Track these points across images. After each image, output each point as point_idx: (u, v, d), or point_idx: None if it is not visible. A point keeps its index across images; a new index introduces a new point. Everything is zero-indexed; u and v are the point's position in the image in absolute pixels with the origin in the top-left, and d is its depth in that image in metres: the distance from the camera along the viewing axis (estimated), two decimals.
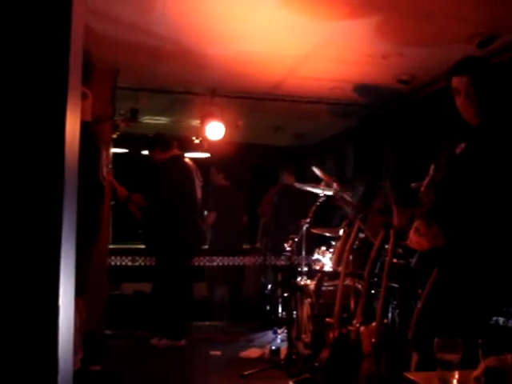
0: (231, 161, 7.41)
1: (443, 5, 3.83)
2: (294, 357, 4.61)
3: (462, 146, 2.83)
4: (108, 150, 4.19)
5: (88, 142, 4.08)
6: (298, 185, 5.52)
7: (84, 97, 3.62)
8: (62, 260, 1.23)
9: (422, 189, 2.93)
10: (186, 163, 5.79)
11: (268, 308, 6.78)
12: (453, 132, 3.10)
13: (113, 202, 5.99)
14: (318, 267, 5.06)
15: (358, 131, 7.67)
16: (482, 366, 1.86)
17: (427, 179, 2.95)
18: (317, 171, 4.78)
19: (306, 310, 4.77)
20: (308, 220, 5.11)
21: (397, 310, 3.76)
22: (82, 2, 1.35)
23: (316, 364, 4.03)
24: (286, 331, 5.24)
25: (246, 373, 4.50)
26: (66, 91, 1.25)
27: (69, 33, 1.26)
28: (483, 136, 2.78)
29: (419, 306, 2.93)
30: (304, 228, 5.18)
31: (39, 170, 1.23)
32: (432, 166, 2.97)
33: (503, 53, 4.56)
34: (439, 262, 2.80)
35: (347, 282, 4.27)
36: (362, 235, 4.30)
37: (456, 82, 2.91)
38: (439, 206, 2.78)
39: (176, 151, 5.77)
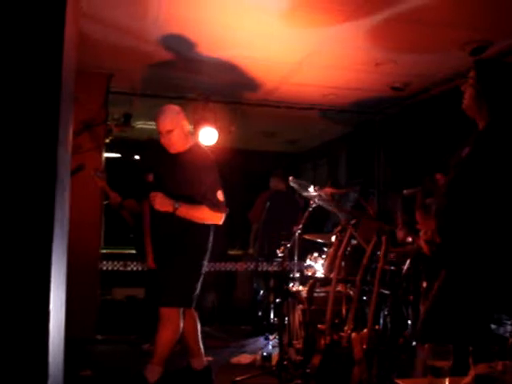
0: (224, 166, 7.38)
1: (437, 13, 3.85)
2: (285, 363, 4.59)
3: (467, 149, 2.76)
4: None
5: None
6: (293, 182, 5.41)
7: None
8: (52, 266, 1.23)
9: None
10: None
11: (260, 314, 6.76)
12: (466, 135, 3.04)
13: (106, 202, 5.96)
14: (310, 273, 5.06)
15: (352, 137, 7.69)
16: (472, 373, 1.87)
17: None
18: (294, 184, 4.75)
19: (297, 316, 4.77)
20: (300, 226, 5.10)
21: (388, 317, 3.77)
22: (76, 7, 1.36)
23: (308, 370, 4.02)
24: (277, 337, 5.22)
25: (237, 379, 4.48)
26: (59, 94, 1.25)
27: (62, 37, 1.26)
28: (486, 139, 2.72)
29: (427, 305, 2.86)
30: (296, 234, 5.18)
31: (31, 178, 1.23)
32: (426, 178, 2.95)
33: None
34: (447, 263, 2.75)
35: (339, 288, 4.27)
36: (354, 241, 4.30)
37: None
38: (447, 209, 2.75)
39: None
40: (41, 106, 1.24)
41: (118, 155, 7.87)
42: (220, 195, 3.97)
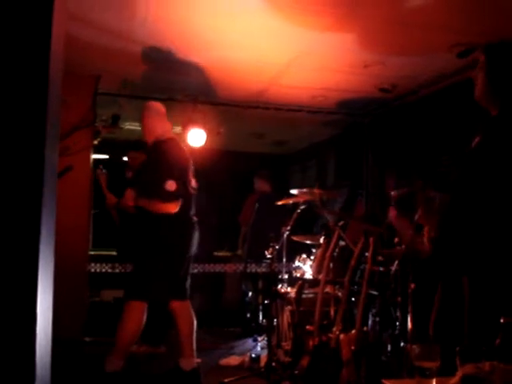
0: (212, 168, 7.38)
1: (425, 15, 3.87)
2: (274, 364, 4.59)
3: (477, 139, 2.60)
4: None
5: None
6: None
7: None
8: (40, 268, 1.22)
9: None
10: None
11: (248, 315, 6.76)
12: (455, 135, 2.95)
13: (96, 211, 5.95)
14: (298, 275, 5.07)
15: (340, 139, 7.71)
16: (459, 374, 1.87)
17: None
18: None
19: (286, 317, 4.77)
20: (289, 227, 5.11)
21: (377, 318, 3.78)
22: (63, 8, 1.35)
23: (296, 372, 4.03)
24: (266, 339, 5.23)
25: (225, 380, 4.48)
26: (46, 97, 1.24)
27: (49, 38, 1.25)
28: (498, 127, 2.57)
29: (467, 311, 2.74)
30: (285, 235, 5.18)
31: (18, 180, 1.22)
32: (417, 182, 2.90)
33: None
34: (469, 270, 2.60)
35: (327, 289, 4.28)
36: (342, 243, 4.32)
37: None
38: (454, 201, 2.62)
39: None
40: (28, 107, 1.23)
41: (106, 156, 7.84)
42: (169, 185, 4.03)
